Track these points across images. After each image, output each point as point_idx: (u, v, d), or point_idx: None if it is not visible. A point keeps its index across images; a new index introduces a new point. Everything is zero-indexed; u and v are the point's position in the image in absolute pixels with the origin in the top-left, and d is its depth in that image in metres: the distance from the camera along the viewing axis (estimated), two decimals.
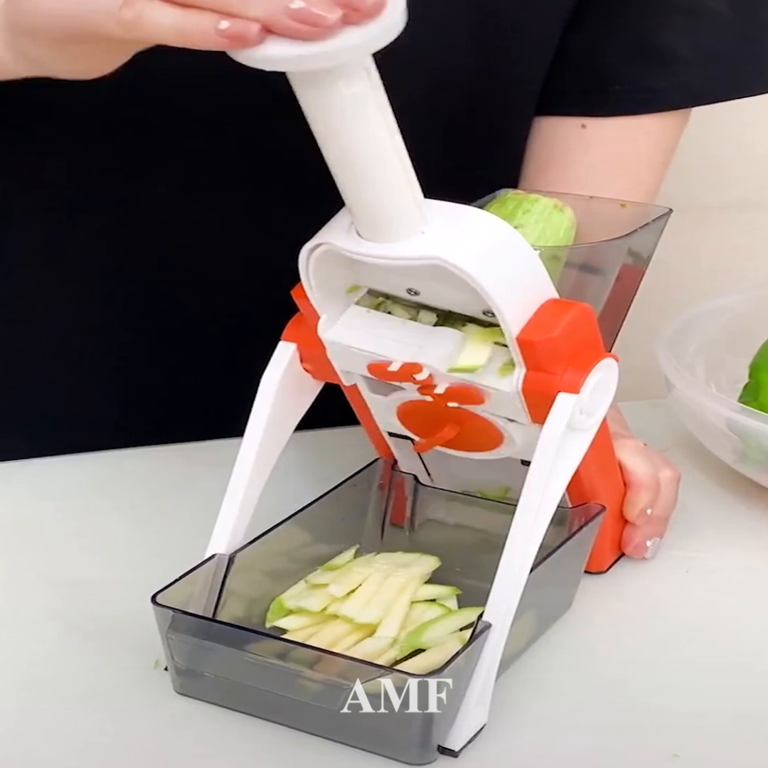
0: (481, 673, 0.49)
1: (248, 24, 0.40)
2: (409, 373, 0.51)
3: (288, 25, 0.40)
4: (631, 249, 0.56)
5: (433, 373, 0.51)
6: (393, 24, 0.42)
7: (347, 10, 0.40)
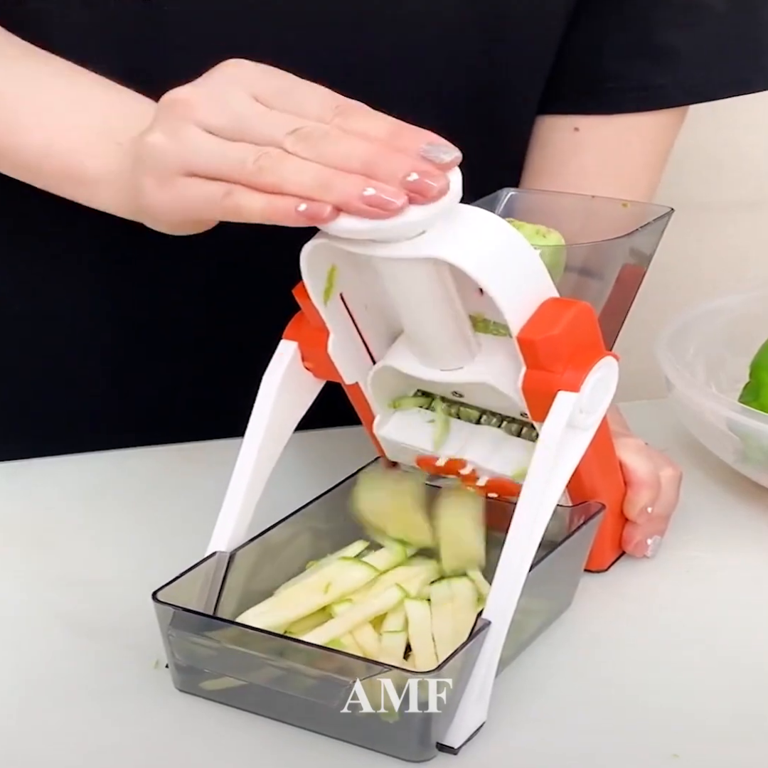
0: (480, 670, 0.49)
1: (323, 206, 0.46)
2: (454, 468, 0.55)
3: (360, 208, 0.46)
4: (632, 248, 0.56)
5: (476, 468, 0.55)
6: (452, 203, 0.47)
7: (414, 195, 0.46)
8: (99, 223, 0.62)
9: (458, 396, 0.56)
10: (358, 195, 0.46)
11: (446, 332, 0.52)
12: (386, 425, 0.57)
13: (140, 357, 0.72)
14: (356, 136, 0.47)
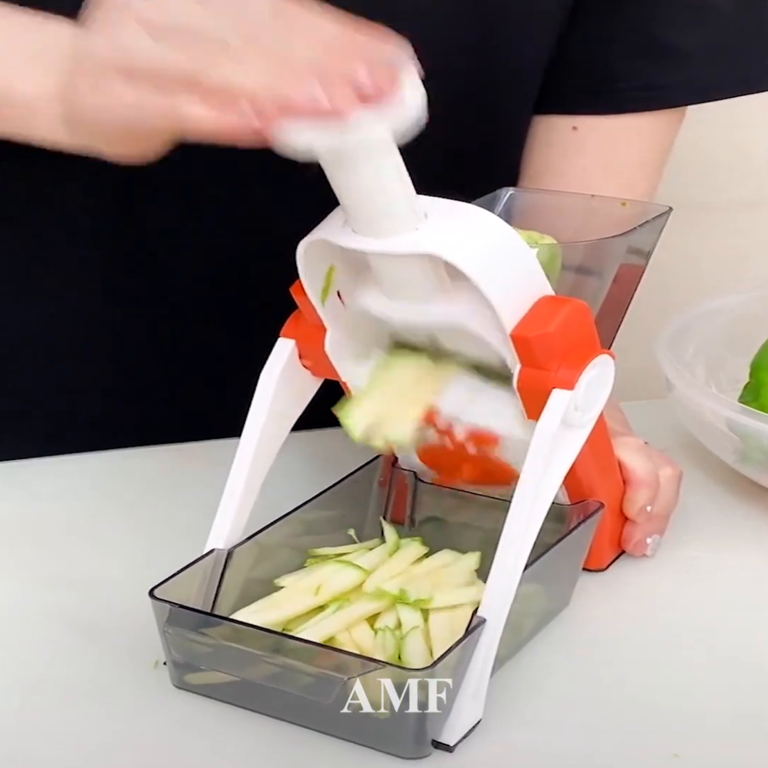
0: (475, 668, 0.49)
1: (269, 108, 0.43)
2: (429, 419, 0.53)
3: (309, 110, 0.43)
4: (630, 247, 0.56)
5: (452, 421, 0.53)
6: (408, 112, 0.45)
7: (365, 95, 0.43)
8: (99, 220, 0.63)
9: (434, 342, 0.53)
10: (306, 96, 0.43)
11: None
12: (357, 376, 0.55)
13: (140, 357, 0.72)
14: (303, 37, 0.45)
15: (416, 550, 0.56)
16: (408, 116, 0.45)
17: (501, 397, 0.52)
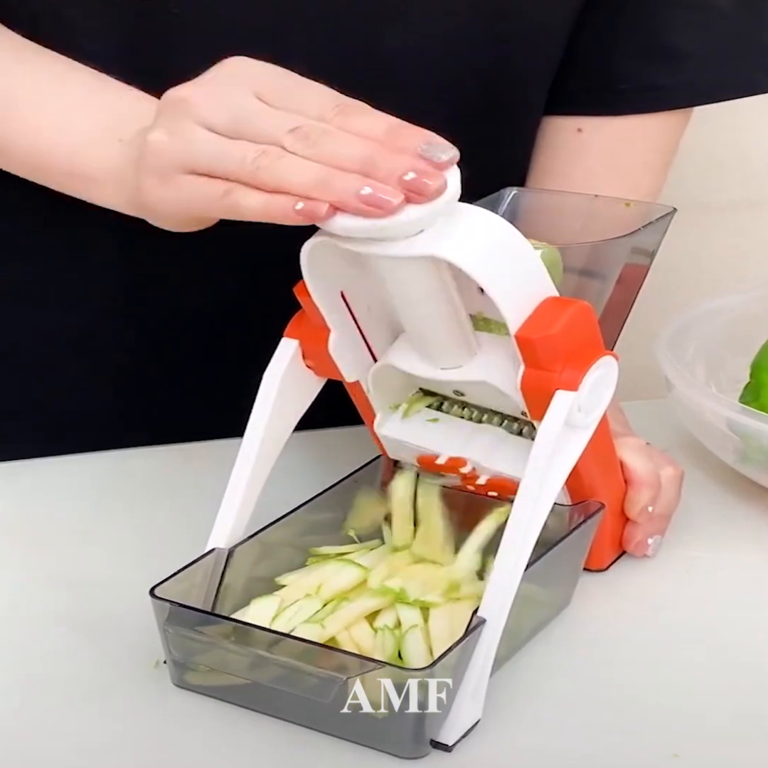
0: (475, 668, 0.49)
1: (320, 205, 0.47)
2: (454, 466, 0.55)
3: (357, 207, 0.46)
4: (634, 248, 0.56)
5: (476, 467, 0.55)
6: (449, 201, 0.47)
7: (411, 194, 0.46)
8: (101, 226, 0.63)
9: (459, 395, 0.56)
10: (355, 194, 0.46)
11: (446, 330, 0.52)
12: (387, 423, 0.57)
13: (142, 357, 0.72)
14: (355, 135, 0.47)
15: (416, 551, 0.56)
16: (447, 203, 0.47)
17: (524, 446, 0.54)
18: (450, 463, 0.55)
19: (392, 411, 0.57)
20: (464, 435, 0.56)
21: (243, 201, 0.48)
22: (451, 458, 0.55)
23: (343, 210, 0.46)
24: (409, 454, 0.57)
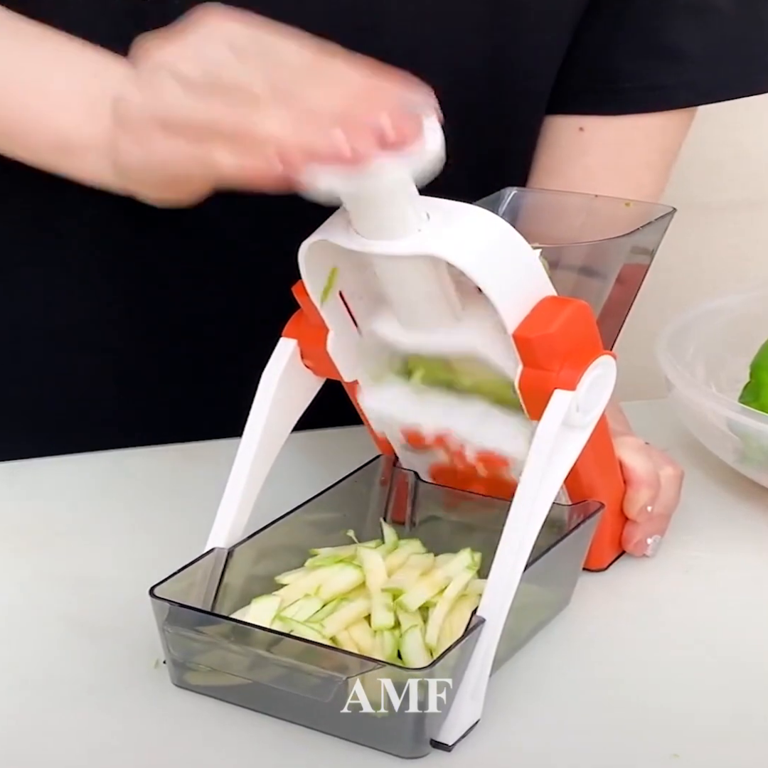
0: (475, 668, 0.49)
1: (294, 156, 0.45)
2: (441, 442, 0.54)
3: (331, 158, 0.45)
4: (634, 247, 0.56)
5: (463, 443, 0.54)
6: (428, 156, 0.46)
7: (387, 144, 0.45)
8: (100, 222, 0.63)
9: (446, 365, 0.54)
10: (329, 144, 0.45)
11: (437, 316, 0.50)
12: (370, 395, 0.56)
13: (140, 357, 0.71)
14: (330, 86, 0.47)
15: (414, 551, 0.56)
16: (427, 160, 0.46)
17: (512, 420, 0.53)
18: (437, 440, 0.54)
19: (376, 382, 0.56)
20: (449, 407, 0.54)
21: (218, 157, 0.47)
22: (438, 435, 0.54)
23: (318, 161, 0.45)
24: (393, 427, 0.56)
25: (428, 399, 0.55)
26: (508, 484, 0.54)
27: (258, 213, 0.68)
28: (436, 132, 0.46)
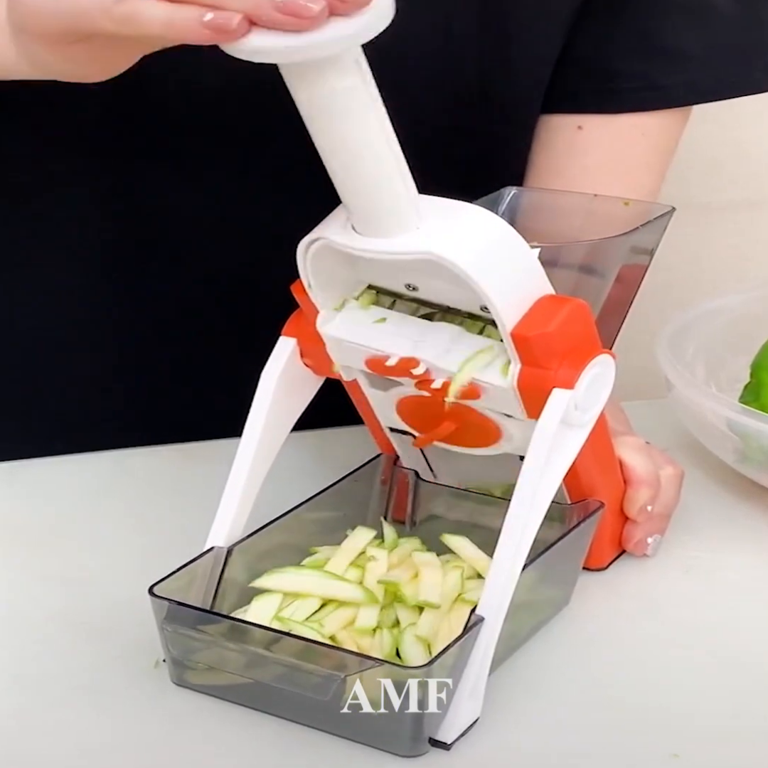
0: (473, 667, 0.49)
1: (231, 15, 0.41)
2: (406, 367, 0.51)
3: (272, 16, 0.40)
4: (633, 247, 0.56)
5: (430, 368, 0.51)
6: (381, 16, 0.43)
7: (333, 1, 0.41)
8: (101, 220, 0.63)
9: (412, 289, 0.52)
10: (272, 3, 0.40)
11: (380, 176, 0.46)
12: (331, 322, 0.53)
13: (141, 357, 0.72)
14: None
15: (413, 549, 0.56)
16: (376, 25, 0.42)
17: (481, 344, 0.51)
18: (401, 365, 0.51)
19: (338, 310, 0.53)
20: (416, 333, 0.52)
21: (141, 10, 0.42)
22: (402, 359, 0.51)
23: (258, 21, 0.41)
24: (358, 357, 0.53)
25: (393, 325, 0.52)
26: (479, 420, 0.53)
27: (257, 211, 0.68)
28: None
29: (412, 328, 0.52)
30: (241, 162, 0.66)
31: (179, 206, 0.67)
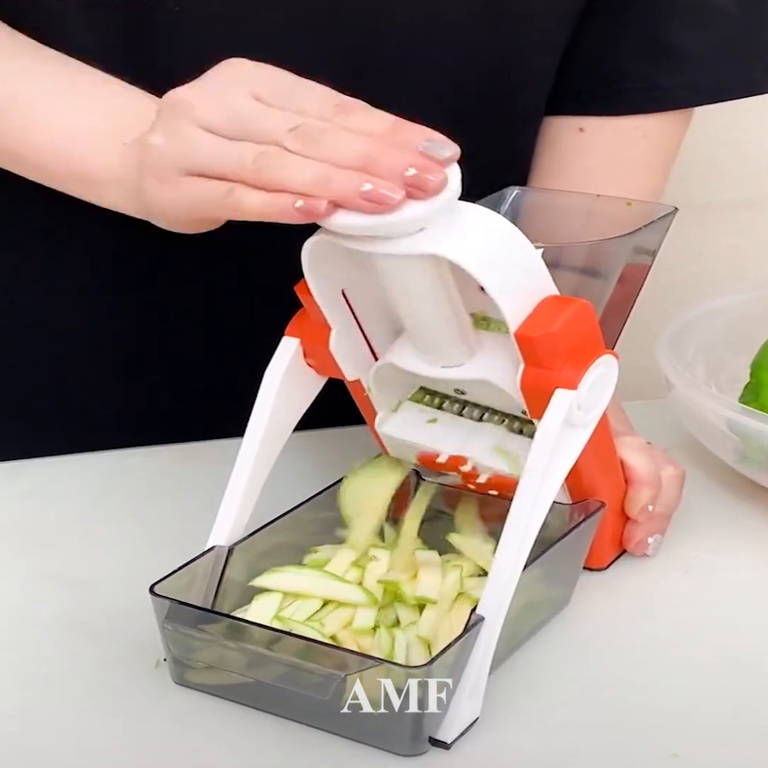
0: (473, 666, 0.49)
1: (320, 202, 0.47)
2: (455, 465, 0.55)
3: (357, 204, 0.46)
4: (635, 247, 0.56)
5: (476, 466, 0.55)
6: (450, 198, 0.47)
7: (412, 189, 0.46)
8: (100, 223, 0.63)
9: (460, 393, 0.56)
10: (356, 190, 0.46)
11: (446, 329, 0.52)
12: (388, 422, 0.57)
13: (141, 357, 0.72)
14: (355, 132, 0.47)
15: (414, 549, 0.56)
16: (448, 200, 0.47)
17: (524, 444, 0.53)
18: (450, 462, 0.55)
19: (394, 410, 0.57)
20: (464, 433, 0.56)
21: (244, 200, 0.48)
22: (452, 456, 0.55)
23: (344, 206, 0.46)
24: (410, 453, 0.57)
25: (444, 426, 0.56)
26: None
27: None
28: (456, 174, 0.47)
29: (461, 428, 0.56)
30: None
31: None
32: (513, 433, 0.55)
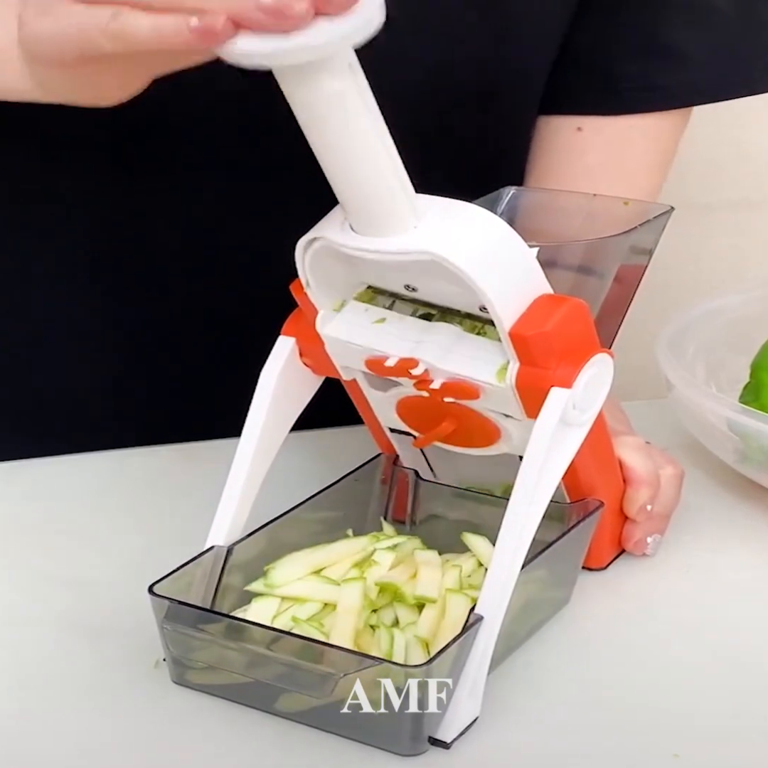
0: (472, 665, 0.49)
1: (215, 18, 0.41)
2: (405, 368, 0.51)
3: (255, 17, 0.41)
4: (632, 246, 0.56)
5: (429, 369, 0.51)
6: (370, 18, 0.43)
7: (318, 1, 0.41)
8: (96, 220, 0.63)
9: (411, 290, 0.52)
10: (255, 3, 0.41)
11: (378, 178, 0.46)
12: (331, 323, 0.53)
13: (139, 357, 0.72)
14: None
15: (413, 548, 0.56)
16: (365, 27, 0.42)
17: (482, 345, 0.51)
18: (400, 365, 0.51)
19: (337, 310, 0.53)
20: (415, 334, 0.52)
21: (131, 24, 0.43)
22: (402, 359, 0.51)
23: (243, 24, 0.41)
24: (357, 358, 0.53)
25: (392, 326, 0.52)
26: (478, 420, 0.53)
27: (255, 212, 0.68)
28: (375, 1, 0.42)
29: (412, 329, 0.52)
30: (239, 167, 0.66)
31: (179, 210, 0.67)
32: (469, 333, 0.51)
